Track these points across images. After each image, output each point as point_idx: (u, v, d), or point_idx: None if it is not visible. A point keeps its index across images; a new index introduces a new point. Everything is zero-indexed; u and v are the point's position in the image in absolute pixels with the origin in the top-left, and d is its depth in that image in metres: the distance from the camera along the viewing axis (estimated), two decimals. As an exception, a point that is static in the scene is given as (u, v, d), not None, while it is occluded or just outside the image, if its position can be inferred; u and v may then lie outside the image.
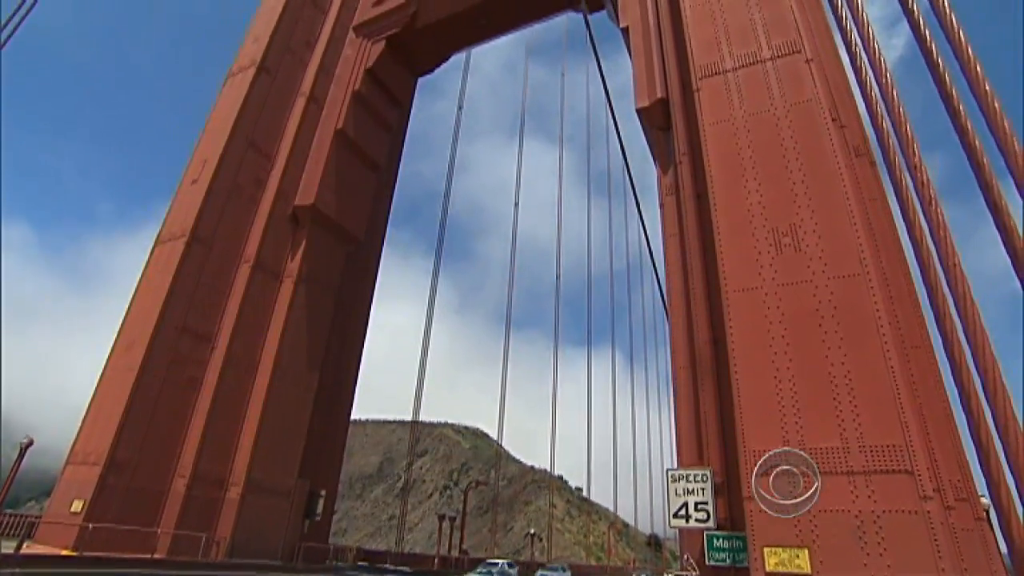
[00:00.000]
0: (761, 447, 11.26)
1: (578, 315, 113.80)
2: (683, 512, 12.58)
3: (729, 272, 13.34)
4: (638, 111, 19.31)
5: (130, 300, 21.10)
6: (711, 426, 13.54)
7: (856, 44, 14.61)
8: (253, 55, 26.33)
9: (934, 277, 11.53)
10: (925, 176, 12.15)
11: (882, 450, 10.31)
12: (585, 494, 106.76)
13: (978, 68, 11.80)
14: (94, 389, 19.51)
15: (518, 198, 40.29)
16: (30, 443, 16.72)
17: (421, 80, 33.52)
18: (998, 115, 11.24)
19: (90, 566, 15.00)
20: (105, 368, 19.73)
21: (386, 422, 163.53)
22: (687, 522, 12.52)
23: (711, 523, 12.24)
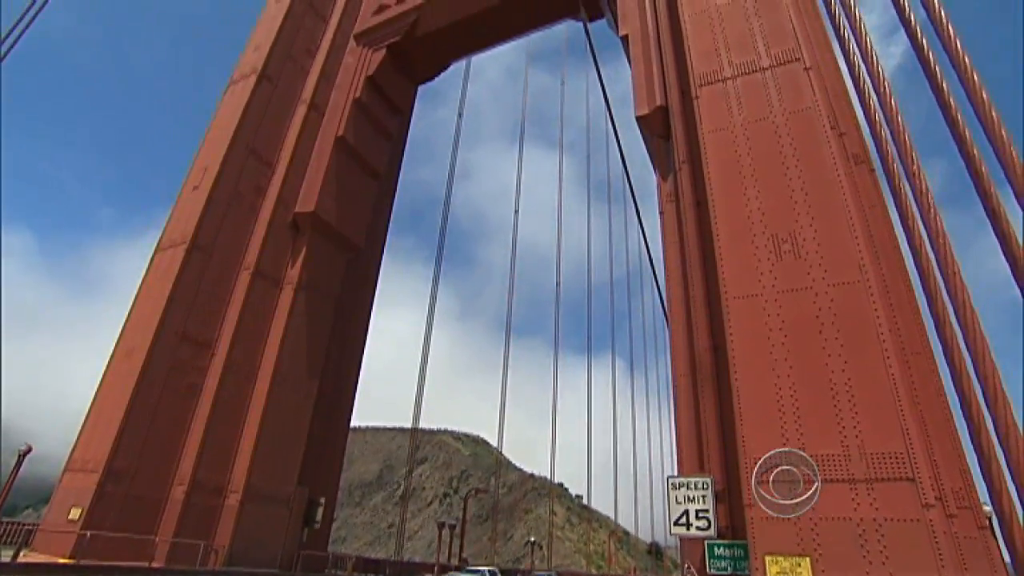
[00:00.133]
0: (761, 454, 11.24)
1: (579, 322, 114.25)
2: (684, 520, 12.54)
3: (729, 279, 13.35)
4: (638, 119, 19.37)
5: (130, 307, 21.08)
6: (712, 433, 13.51)
7: (854, 53, 14.71)
8: (254, 63, 26.47)
9: (933, 284, 11.55)
10: (924, 184, 12.20)
11: (883, 457, 10.27)
12: (585, 502, 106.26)
13: (975, 77, 11.88)
14: (93, 396, 19.46)
15: (518, 205, 40.39)
16: (28, 450, 16.65)
17: (424, 86, 33.64)
18: (996, 124, 11.31)
19: (88, 575, 14.89)
20: (105, 375, 19.69)
21: (386, 429, 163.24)
22: (688, 530, 12.48)
23: (712, 531, 12.21)
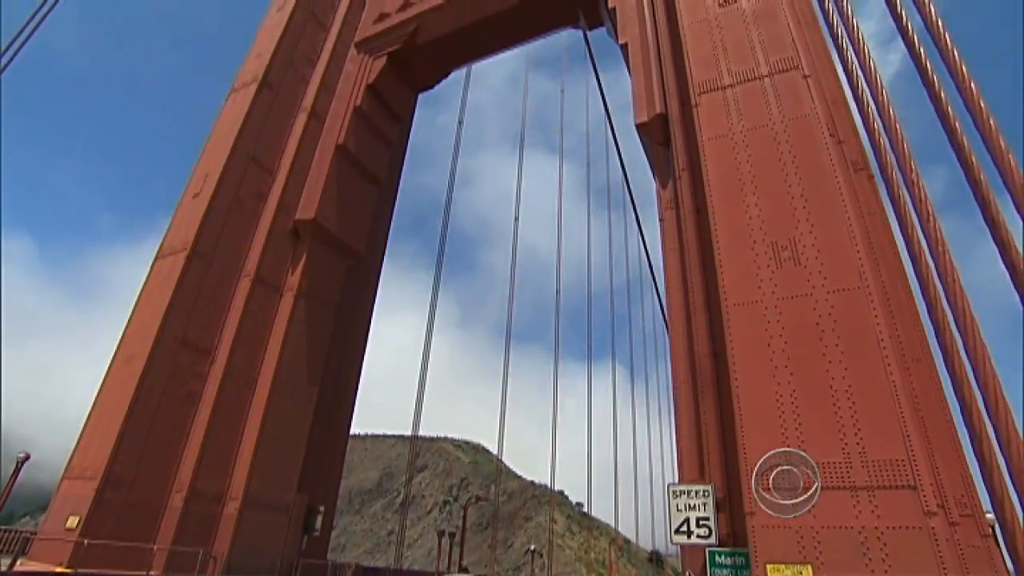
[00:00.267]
0: (761, 455, 11.19)
1: (579, 329, 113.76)
2: (685, 528, 12.48)
3: (729, 286, 13.36)
4: (637, 126, 19.44)
5: (130, 313, 21.04)
6: (712, 441, 13.46)
7: (852, 61, 14.80)
8: (256, 71, 26.60)
9: (933, 291, 11.56)
10: (923, 191, 12.23)
11: (884, 464, 10.23)
12: (586, 510, 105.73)
13: (973, 86, 11.94)
14: (92, 402, 19.37)
15: (518, 212, 40.32)
16: (27, 458, 16.63)
17: (426, 93, 33.77)
18: (994, 132, 11.36)
19: (85, 583, 14.84)
20: (104, 381, 19.61)
21: (385, 437, 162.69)
22: (689, 538, 12.41)
23: (713, 539, 12.14)
